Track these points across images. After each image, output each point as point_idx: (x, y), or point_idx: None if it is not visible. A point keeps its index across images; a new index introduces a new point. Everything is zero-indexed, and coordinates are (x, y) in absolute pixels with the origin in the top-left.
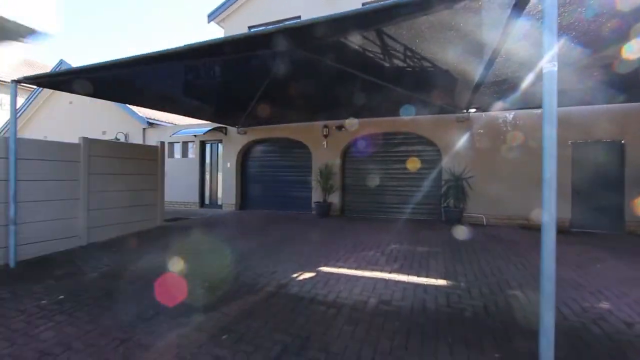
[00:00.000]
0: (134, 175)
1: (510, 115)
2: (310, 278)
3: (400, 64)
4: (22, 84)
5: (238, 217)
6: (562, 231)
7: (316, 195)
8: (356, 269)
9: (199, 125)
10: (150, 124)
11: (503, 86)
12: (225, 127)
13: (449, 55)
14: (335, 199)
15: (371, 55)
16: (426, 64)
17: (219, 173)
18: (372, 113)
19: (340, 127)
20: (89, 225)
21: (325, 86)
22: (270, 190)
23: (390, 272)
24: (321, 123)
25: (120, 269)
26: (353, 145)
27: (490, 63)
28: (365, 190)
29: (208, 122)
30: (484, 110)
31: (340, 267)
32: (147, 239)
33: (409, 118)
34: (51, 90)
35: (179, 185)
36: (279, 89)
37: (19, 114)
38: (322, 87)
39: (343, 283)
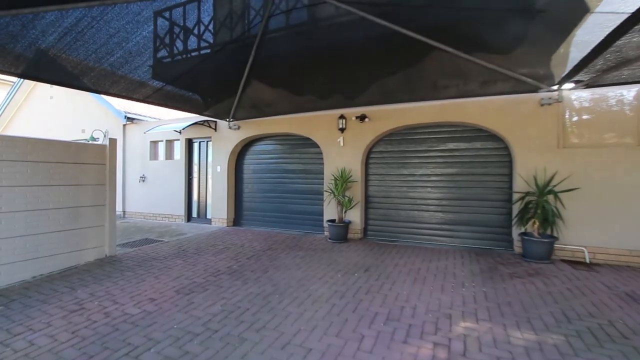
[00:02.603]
0: (66, 186)
1: (630, 92)
2: None
3: None
4: None
5: (224, 241)
6: None
7: (329, 211)
8: None
9: (186, 119)
10: (130, 119)
11: None
12: (215, 121)
13: None
14: (355, 216)
15: None
16: None
17: (208, 179)
18: (410, 95)
19: (362, 118)
20: None
21: (341, 54)
22: (271, 203)
23: None
24: (336, 112)
25: None
26: (381, 141)
27: None
28: (397, 204)
29: (198, 115)
30: (589, 85)
31: None
32: (69, 284)
33: (464, 101)
34: (32, 85)
35: (162, 193)
36: (275, 61)
37: (1, 110)
38: (336, 57)
39: None
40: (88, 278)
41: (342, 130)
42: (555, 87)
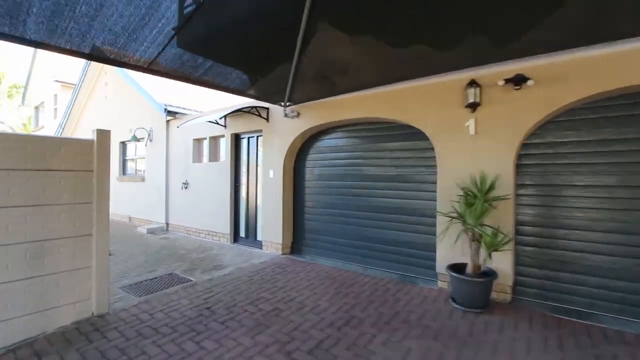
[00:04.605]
0: (23, 208)
1: None
2: None
3: None
4: None
5: (273, 290)
6: None
7: (449, 247)
8: None
9: (233, 108)
10: (172, 114)
11: None
12: (267, 108)
13: None
14: (502, 261)
15: None
16: None
17: (259, 187)
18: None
19: (517, 81)
20: None
21: None
22: (343, 224)
23: None
24: (462, 77)
25: None
26: (550, 125)
27: None
28: (592, 242)
29: (249, 99)
30: None
31: None
32: None
33: None
34: (91, 86)
35: (205, 204)
36: None
37: (68, 113)
38: None
39: None
40: None
41: (473, 106)
42: None
